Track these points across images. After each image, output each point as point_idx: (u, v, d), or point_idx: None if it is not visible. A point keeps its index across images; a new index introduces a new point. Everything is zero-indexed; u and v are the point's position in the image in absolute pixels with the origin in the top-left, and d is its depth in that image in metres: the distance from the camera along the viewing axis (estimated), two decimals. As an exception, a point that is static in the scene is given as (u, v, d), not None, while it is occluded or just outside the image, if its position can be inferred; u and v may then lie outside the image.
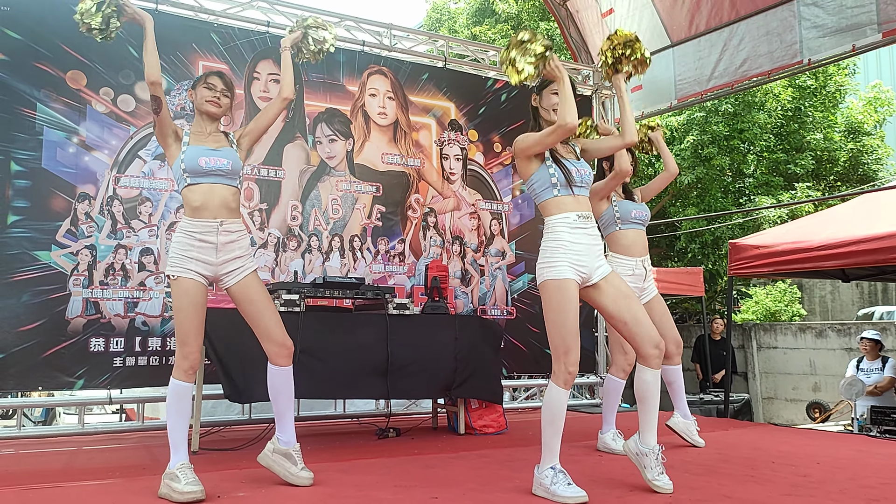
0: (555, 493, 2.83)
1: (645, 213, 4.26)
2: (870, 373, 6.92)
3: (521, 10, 15.03)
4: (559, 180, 3.06)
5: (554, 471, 2.88)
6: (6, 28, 4.88)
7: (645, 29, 7.44)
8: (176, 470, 2.91)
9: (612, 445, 4.08)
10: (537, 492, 2.92)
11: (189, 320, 3.04)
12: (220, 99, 3.23)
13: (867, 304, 14.56)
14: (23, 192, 4.85)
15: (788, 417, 10.17)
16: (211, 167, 3.11)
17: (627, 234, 4.15)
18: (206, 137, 3.23)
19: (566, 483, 2.84)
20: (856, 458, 3.85)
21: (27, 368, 4.72)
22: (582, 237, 3.04)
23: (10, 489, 3.06)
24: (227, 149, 3.21)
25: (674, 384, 4.21)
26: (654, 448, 3.06)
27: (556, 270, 2.98)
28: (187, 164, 3.10)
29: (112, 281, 5.05)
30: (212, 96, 3.21)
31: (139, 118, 5.27)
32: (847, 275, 7.07)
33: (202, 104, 3.23)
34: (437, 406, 5.40)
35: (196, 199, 3.10)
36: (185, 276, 3.05)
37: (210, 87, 3.22)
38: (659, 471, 3.03)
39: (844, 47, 5.89)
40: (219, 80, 3.25)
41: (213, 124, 3.28)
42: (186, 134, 3.20)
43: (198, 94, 3.24)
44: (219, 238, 3.10)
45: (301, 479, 3.14)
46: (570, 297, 2.95)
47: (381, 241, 6.12)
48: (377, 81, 6.28)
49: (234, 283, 3.15)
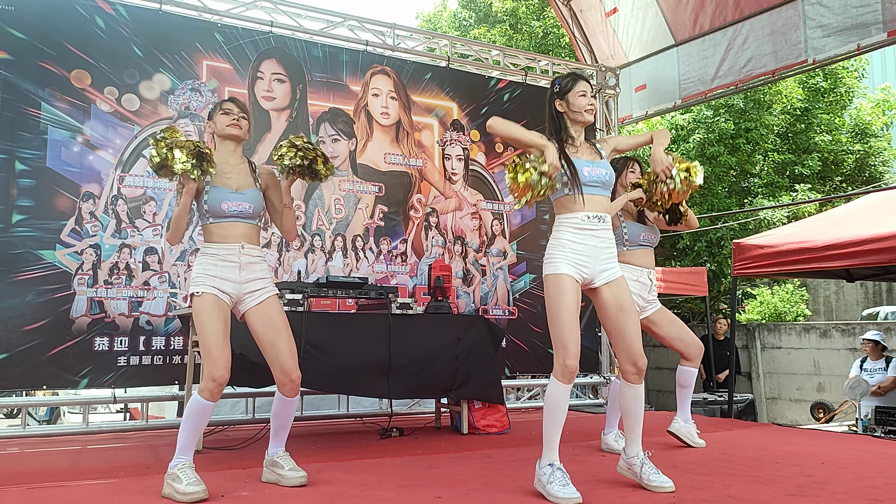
0: (549, 491, 2.85)
1: (654, 237, 4.24)
2: (873, 373, 6.90)
3: (516, 8, 15.01)
4: (570, 178, 3.04)
5: (552, 468, 2.90)
6: (10, 27, 4.89)
7: (649, 28, 7.43)
8: (177, 470, 2.91)
9: (615, 446, 4.08)
10: (537, 486, 2.93)
11: (215, 335, 2.98)
12: (240, 121, 3.23)
13: (872, 304, 14.52)
14: (27, 191, 4.86)
15: (792, 418, 10.15)
16: (233, 210, 3.12)
17: (635, 253, 4.16)
18: (230, 172, 3.19)
19: (562, 483, 2.85)
20: (860, 459, 3.84)
21: (32, 367, 4.73)
22: (588, 238, 3.02)
23: (15, 488, 3.06)
24: (251, 191, 3.19)
25: (686, 388, 4.23)
26: (638, 454, 3.09)
27: (554, 266, 3.01)
28: (210, 207, 3.11)
29: (116, 280, 5.06)
30: (231, 120, 3.21)
31: (143, 117, 5.28)
32: (852, 275, 7.05)
33: (223, 130, 3.22)
34: (440, 406, 5.40)
35: (217, 233, 3.14)
36: (209, 292, 3.04)
37: (227, 112, 3.23)
38: (653, 472, 3.04)
39: (849, 46, 5.87)
40: (233, 105, 3.25)
41: (237, 151, 3.26)
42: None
43: (217, 123, 3.23)
44: (241, 258, 3.11)
45: (290, 479, 3.14)
46: (566, 291, 2.96)
47: (383, 241, 6.12)
48: (380, 81, 6.28)
49: (255, 303, 3.13)
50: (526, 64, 7.26)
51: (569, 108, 3.17)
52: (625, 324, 3.06)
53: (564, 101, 3.16)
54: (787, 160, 12.52)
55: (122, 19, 5.26)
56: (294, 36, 6.00)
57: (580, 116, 3.16)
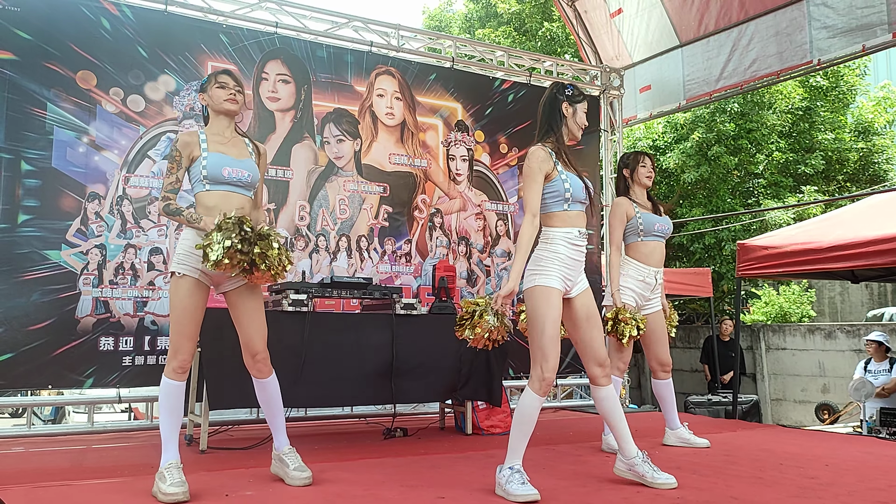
0: (508, 491, 2.89)
1: (667, 227, 4.31)
2: (877, 374, 6.88)
3: (522, 9, 14.99)
4: (572, 195, 3.10)
5: (511, 471, 2.93)
6: (16, 28, 4.91)
7: (654, 29, 7.42)
8: (164, 470, 2.91)
9: (615, 445, 4.08)
10: (498, 492, 2.96)
11: (186, 320, 3.00)
12: (236, 96, 3.22)
13: (877, 306, 14.47)
14: (33, 191, 4.88)
15: (797, 419, 10.12)
16: (232, 177, 3.10)
17: (648, 244, 4.22)
18: (227, 143, 3.19)
19: (521, 482, 2.89)
20: (865, 460, 3.83)
21: (37, 367, 4.75)
22: (576, 253, 3.13)
23: (20, 487, 3.07)
24: (248, 160, 3.19)
25: (666, 400, 4.27)
26: (637, 454, 3.14)
27: (547, 278, 3.04)
28: (209, 172, 3.06)
29: (121, 280, 5.08)
30: (228, 95, 3.19)
31: (148, 118, 5.30)
32: (857, 276, 7.03)
33: (220, 104, 3.20)
34: (444, 406, 5.40)
35: (211, 201, 3.08)
36: (190, 275, 3.03)
37: (224, 86, 3.20)
38: (655, 471, 3.08)
39: (854, 47, 5.86)
40: (229, 77, 3.23)
41: (231, 125, 3.26)
42: (203, 140, 3.14)
43: (212, 96, 3.21)
44: None
45: (293, 479, 3.14)
46: (554, 305, 3.02)
47: (387, 242, 6.13)
48: (385, 82, 6.29)
49: (236, 286, 3.12)
50: (530, 65, 7.26)
51: (573, 118, 3.24)
52: (591, 332, 3.18)
53: (573, 108, 3.23)
54: (791, 159, 12.48)
55: (127, 20, 5.28)
56: (299, 37, 6.01)
57: (577, 132, 3.28)
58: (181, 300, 3.01)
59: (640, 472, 3.10)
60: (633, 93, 7.74)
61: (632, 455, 3.14)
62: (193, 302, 3.03)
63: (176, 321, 3.02)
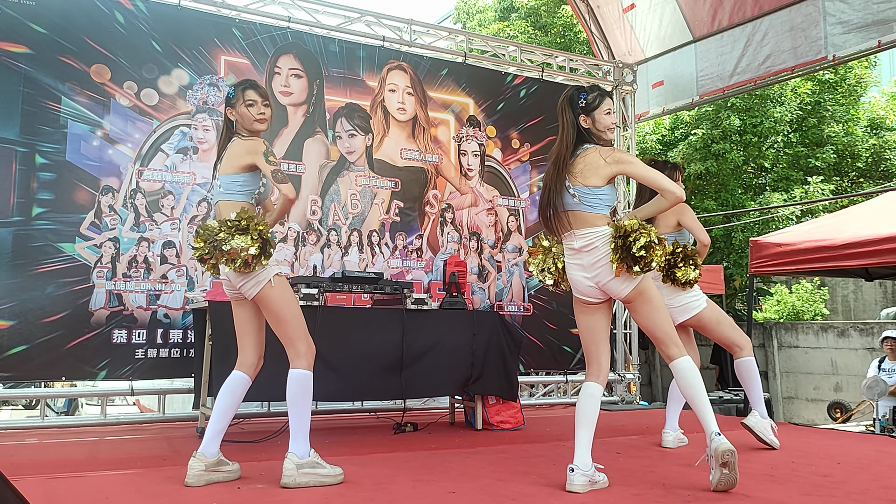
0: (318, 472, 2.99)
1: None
2: (891, 373, 6.82)
3: (539, 4, 14.92)
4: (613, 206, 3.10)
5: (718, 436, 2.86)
6: (31, 22, 4.94)
7: (667, 24, 7.38)
8: (314, 458, 3.02)
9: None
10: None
11: (302, 313, 3.13)
12: (265, 112, 3.17)
13: (891, 304, 14.36)
14: (47, 184, 4.92)
15: (809, 417, 10.07)
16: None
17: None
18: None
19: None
20: (877, 459, 3.81)
21: (51, 359, 4.80)
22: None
23: (34, 478, 3.10)
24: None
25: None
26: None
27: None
28: (265, 193, 3.24)
29: (135, 273, 5.11)
30: (259, 114, 3.13)
31: (162, 112, 5.32)
32: (870, 274, 6.98)
33: (252, 125, 3.13)
34: (454, 401, 5.41)
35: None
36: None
37: (252, 104, 3.12)
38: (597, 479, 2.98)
39: (870, 43, 5.81)
40: (255, 92, 3.14)
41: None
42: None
43: (242, 115, 3.13)
44: None
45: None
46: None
47: (399, 237, 6.13)
48: (397, 77, 6.29)
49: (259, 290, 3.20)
50: (543, 60, 7.23)
51: (594, 126, 3.07)
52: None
53: (590, 117, 3.06)
54: (801, 153, 12.36)
55: (141, 15, 5.30)
56: (311, 31, 6.02)
57: (605, 135, 3.09)
58: (292, 294, 3.15)
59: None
60: (645, 88, 7.70)
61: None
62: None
63: (295, 315, 3.09)
